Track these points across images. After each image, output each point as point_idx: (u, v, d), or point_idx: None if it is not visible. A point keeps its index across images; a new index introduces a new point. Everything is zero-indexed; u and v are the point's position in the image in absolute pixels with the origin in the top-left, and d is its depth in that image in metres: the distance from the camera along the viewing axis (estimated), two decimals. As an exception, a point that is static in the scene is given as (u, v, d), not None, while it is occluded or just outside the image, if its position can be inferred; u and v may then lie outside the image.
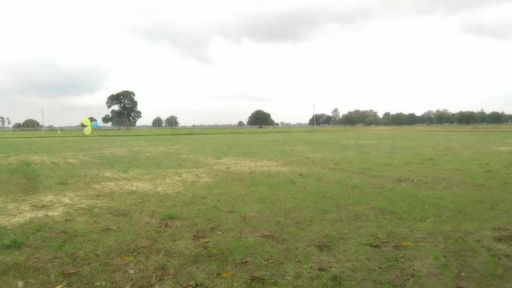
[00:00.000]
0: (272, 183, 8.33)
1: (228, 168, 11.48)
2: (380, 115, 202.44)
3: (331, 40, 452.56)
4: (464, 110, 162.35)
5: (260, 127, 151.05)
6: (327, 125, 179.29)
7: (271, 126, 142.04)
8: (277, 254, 3.92)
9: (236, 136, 46.09)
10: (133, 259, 3.81)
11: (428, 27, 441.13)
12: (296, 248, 4.10)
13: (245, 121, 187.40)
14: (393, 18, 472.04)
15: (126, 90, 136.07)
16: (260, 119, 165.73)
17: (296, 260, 3.77)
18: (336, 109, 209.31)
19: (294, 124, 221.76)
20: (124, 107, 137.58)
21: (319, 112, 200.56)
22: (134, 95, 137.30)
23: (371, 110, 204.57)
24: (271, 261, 3.72)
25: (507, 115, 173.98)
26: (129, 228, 4.90)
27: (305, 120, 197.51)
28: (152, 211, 5.81)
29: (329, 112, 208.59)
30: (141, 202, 6.54)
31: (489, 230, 4.67)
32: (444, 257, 3.78)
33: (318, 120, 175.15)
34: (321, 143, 25.55)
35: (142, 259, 3.80)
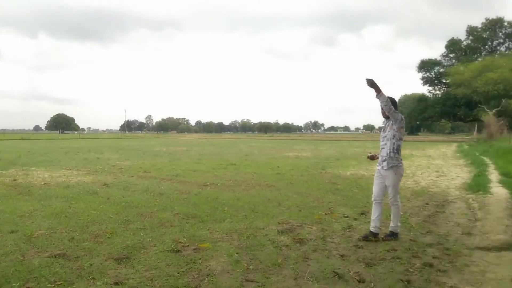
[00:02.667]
0: (70, 195, 7.52)
1: (14, 180, 9.78)
2: (192, 123, 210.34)
3: (143, 46, 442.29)
4: (263, 121, 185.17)
5: (62, 132, 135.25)
6: (140, 131, 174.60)
7: (76, 132, 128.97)
8: (68, 273, 3.53)
9: (30, 142, 39.77)
10: None
11: (235, 44, 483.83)
12: (91, 265, 3.79)
13: (43, 126, 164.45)
14: (202, 32, 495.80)
15: None
16: (62, 123, 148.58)
17: (90, 277, 3.48)
18: (150, 115, 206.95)
19: (103, 130, 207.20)
20: None
21: (131, 118, 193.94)
22: None
23: (183, 118, 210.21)
24: (59, 283, 3.31)
25: (295, 126, 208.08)
26: None
27: (116, 126, 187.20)
28: None
29: (142, 119, 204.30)
30: None
31: (274, 225, 5.39)
32: (236, 253, 4.15)
33: (130, 127, 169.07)
34: (132, 150, 24.68)
35: None
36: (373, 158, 5.17)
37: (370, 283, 3.41)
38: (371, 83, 4.53)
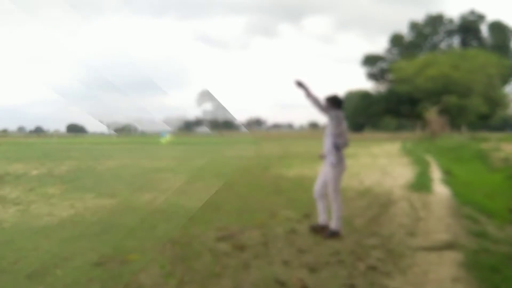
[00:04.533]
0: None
1: None
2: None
3: (56, 26, 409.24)
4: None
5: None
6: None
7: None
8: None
9: None
10: None
11: (164, 29, 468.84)
12: (-4, 285, 3.50)
13: None
14: (125, 16, 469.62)
15: None
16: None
17: (-6, 300, 3.21)
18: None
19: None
20: None
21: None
22: None
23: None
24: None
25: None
26: None
27: None
28: None
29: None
30: None
31: (212, 231, 5.33)
32: (170, 264, 4.05)
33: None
34: None
35: None
36: (323, 157, 5.44)
37: (314, 289, 3.50)
38: (299, 84, 4.81)
